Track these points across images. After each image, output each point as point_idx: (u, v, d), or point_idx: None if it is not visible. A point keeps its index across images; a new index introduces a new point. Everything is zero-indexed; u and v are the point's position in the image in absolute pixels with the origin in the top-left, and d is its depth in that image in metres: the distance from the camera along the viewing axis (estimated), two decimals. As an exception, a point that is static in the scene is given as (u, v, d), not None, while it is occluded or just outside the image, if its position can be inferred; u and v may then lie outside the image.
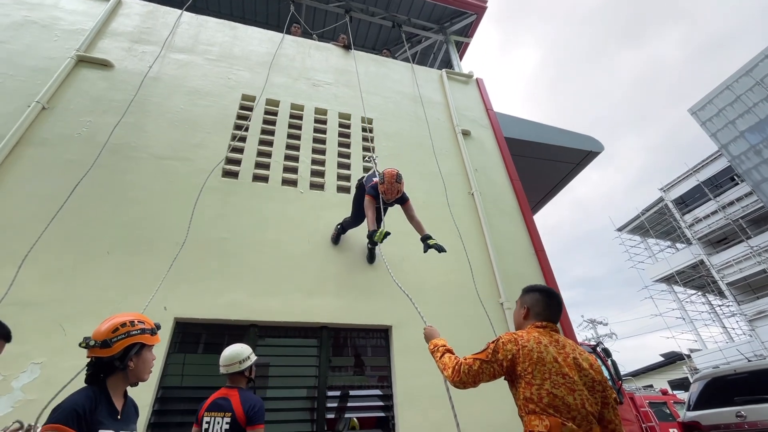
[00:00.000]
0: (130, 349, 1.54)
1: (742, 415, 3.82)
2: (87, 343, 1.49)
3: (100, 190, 3.63)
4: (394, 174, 3.30)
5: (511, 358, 1.57)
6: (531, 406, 1.47)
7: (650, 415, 9.53)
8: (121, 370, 1.52)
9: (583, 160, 7.06)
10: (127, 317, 1.60)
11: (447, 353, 1.80)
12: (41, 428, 1.32)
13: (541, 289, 1.87)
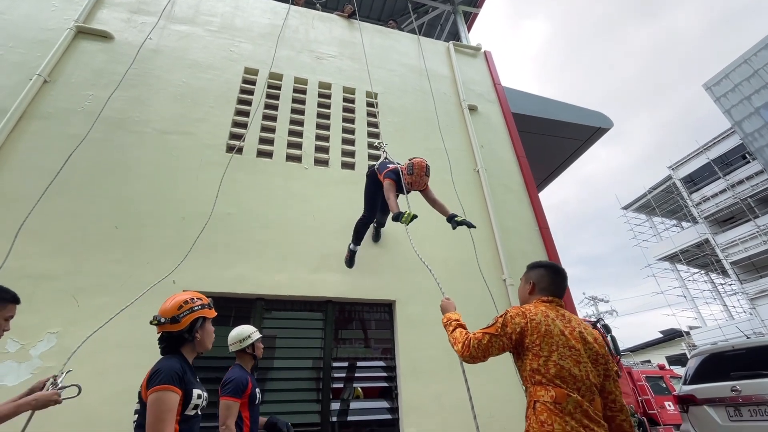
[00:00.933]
0: (195, 322, 1.74)
1: (737, 389, 3.90)
2: (158, 320, 1.70)
3: (105, 165, 3.64)
4: (424, 166, 3.15)
5: (520, 331, 1.59)
6: (537, 377, 1.50)
7: (646, 388, 9.79)
8: (190, 341, 1.72)
9: (591, 137, 6.94)
10: (186, 295, 1.79)
11: (459, 328, 1.81)
12: (150, 390, 1.49)
13: (547, 265, 1.90)
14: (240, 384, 2.29)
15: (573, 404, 1.43)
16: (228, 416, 2.19)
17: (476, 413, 3.02)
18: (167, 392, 1.48)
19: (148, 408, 1.46)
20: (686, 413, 4.40)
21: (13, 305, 1.66)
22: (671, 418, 9.24)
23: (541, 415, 1.43)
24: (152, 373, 1.54)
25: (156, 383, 1.49)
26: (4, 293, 1.64)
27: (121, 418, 2.62)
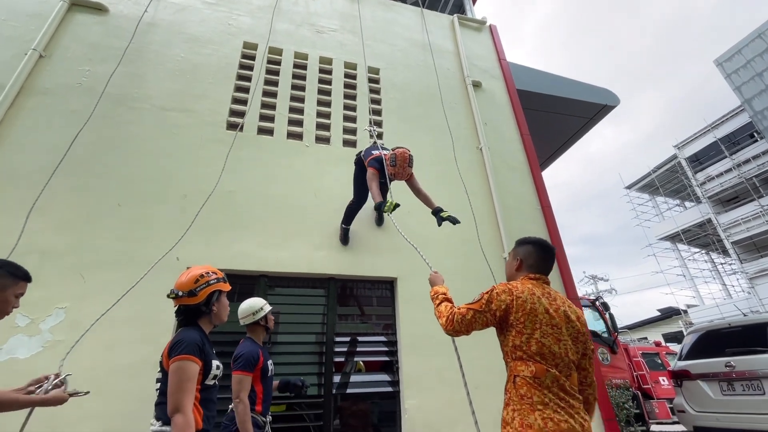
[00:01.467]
0: (211, 296, 1.78)
1: (731, 365, 3.99)
2: (176, 294, 1.72)
3: (106, 142, 3.62)
4: (407, 157, 3.11)
5: (505, 308, 1.61)
6: (519, 353, 1.56)
7: (642, 364, 10.02)
8: (207, 314, 1.77)
9: (597, 115, 6.82)
10: (201, 269, 1.82)
11: (445, 302, 1.85)
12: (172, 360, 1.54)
13: (535, 242, 1.88)
14: (251, 358, 2.32)
15: (551, 379, 1.50)
16: (241, 390, 2.23)
17: (474, 385, 3.11)
18: (188, 362, 1.54)
19: (170, 376, 1.51)
20: (680, 387, 4.52)
21: (24, 283, 1.65)
22: (665, 392, 9.50)
23: (521, 389, 1.50)
24: (174, 343, 1.59)
25: (177, 353, 1.54)
26: (16, 270, 1.63)
27: (130, 389, 2.71)
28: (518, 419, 1.46)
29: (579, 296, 4.33)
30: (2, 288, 1.57)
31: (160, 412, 1.55)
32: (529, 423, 1.42)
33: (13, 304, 1.60)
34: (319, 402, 3.17)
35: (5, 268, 1.61)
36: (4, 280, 1.58)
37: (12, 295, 1.59)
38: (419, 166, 4.54)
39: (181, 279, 1.77)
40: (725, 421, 3.92)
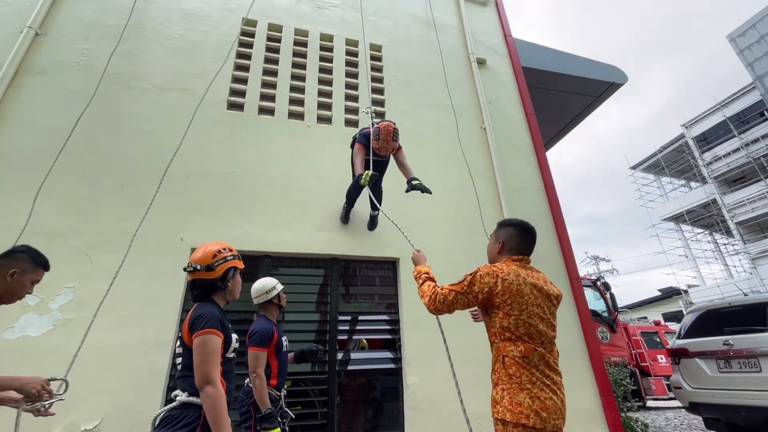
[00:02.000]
0: (228, 272, 1.80)
1: (729, 343, 4.04)
2: (194, 267, 1.73)
3: (106, 123, 3.59)
4: (391, 130, 3.01)
5: (488, 290, 1.64)
6: (507, 335, 1.62)
7: (641, 342, 10.17)
8: (222, 290, 1.79)
9: (603, 93, 6.68)
10: (217, 245, 1.83)
11: (428, 281, 1.88)
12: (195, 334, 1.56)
13: (516, 224, 1.90)
14: (265, 334, 2.42)
15: (538, 357, 1.58)
16: (257, 365, 2.34)
17: (474, 363, 3.17)
18: (212, 335, 1.57)
19: (195, 350, 1.54)
20: (677, 365, 4.60)
21: (42, 270, 1.69)
22: (662, 369, 9.69)
23: (510, 368, 1.57)
24: (195, 318, 1.61)
25: (200, 327, 1.56)
26: (37, 257, 1.67)
27: (140, 365, 2.79)
28: (507, 398, 1.53)
29: (580, 276, 4.35)
30: (22, 272, 1.61)
31: (185, 384, 1.58)
32: (519, 401, 1.50)
33: (27, 289, 1.64)
34: (323, 378, 3.25)
35: (28, 254, 1.66)
36: (26, 265, 1.62)
37: (29, 280, 1.63)
38: (422, 145, 4.51)
39: (198, 254, 1.77)
40: (721, 397, 4.01)
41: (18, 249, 1.66)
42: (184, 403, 1.54)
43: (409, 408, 3.26)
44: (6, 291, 1.59)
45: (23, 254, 1.65)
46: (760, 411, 3.69)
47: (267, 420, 2.20)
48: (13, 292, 1.60)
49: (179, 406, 1.54)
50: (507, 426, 1.51)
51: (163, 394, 2.79)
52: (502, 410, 1.53)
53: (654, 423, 6.91)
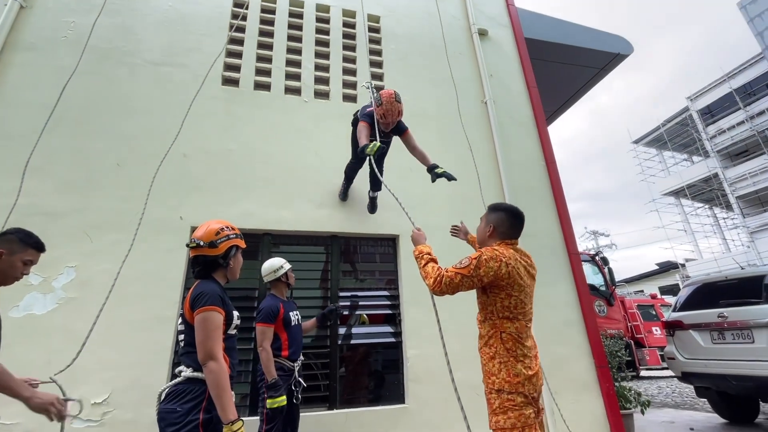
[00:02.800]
0: (230, 250, 1.82)
1: (724, 315, 4.11)
2: (197, 243, 1.74)
3: (98, 100, 3.52)
4: (392, 92, 2.97)
5: (493, 274, 1.71)
6: (506, 313, 1.74)
7: (636, 315, 10.38)
8: (223, 267, 1.81)
9: (608, 64, 6.50)
10: (220, 223, 1.84)
11: (430, 262, 1.90)
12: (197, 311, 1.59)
13: (507, 209, 1.95)
14: (270, 311, 2.59)
15: (526, 332, 1.76)
16: (263, 339, 2.51)
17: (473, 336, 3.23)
18: (213, 312, 1.60)
19: (197, 327, 1.58)
20: (672, 337, 4.70)
21: (33, 251, 1.68)
22: (656, 341, 9.93)
23: (507, 343, 1.70)
24: (196, 296, 1.63)
25: (202, 305, 1.59)
26: (27, 237, 1.67)
27: (143, 342, 2.85)
28: (505, 370, 1.66)
29: (579, 251, 4.38)
30: (10, 252, 1.61)
31: (189, 360, 1.62)
32: (516, 372, 1.65)
33: (21, 269, 1.64)
34: (325, 352, 3.33)
35: (16, 234, 1.67)
36: (14, 246, 1.62)
37: (20, 260, 1.63)
38: (422, 120, 4.43)
39: (200, 231, 1.78)
40: (713, 367, 4.12)
41: (8, 231, 1.68)
42: (189, 378, 1.58)
43: (409, 380, 3.35)
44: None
45: (11, 235, 1.65)
46: (750, 380, 3.80)
47: (272, 389, 2.30)
48: (5, 273, 1.62)
49: (184, 381, 1.58)
50: (502, 394, 1.64)
51: (168, 369, 2.86)
52: (499, 381, 1.66)
53: (647, 392, 7.14)
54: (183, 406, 1.51)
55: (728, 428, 4.35)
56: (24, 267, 1.65)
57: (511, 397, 1.62)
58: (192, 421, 1.49)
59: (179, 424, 1.47)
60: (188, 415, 1.50)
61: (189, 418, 1.49)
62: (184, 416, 1.49)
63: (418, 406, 3.28)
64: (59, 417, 1.49)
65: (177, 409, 1.51)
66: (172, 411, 1.51)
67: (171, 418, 1.49)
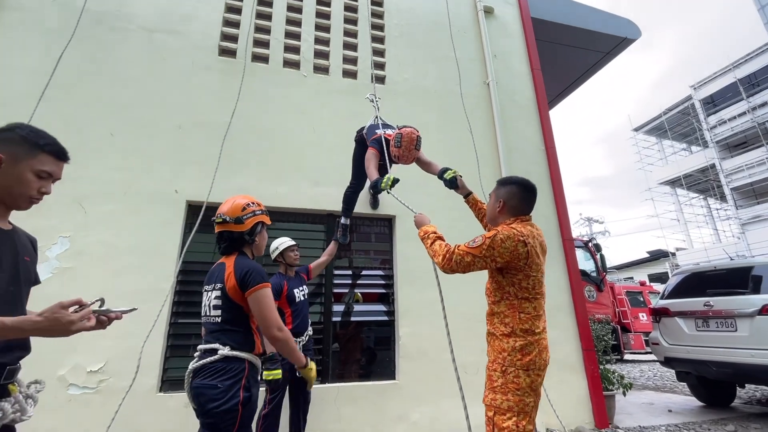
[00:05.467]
0: (256, 226, 1.82)
1: (709, 304, 4.21)
2: (223, 219, 1.74)
3: (90, 67, 3.41)
4: (414, 138, 2.57)
5: (509, 255, 1.63)
6: (525, 294, 1.68)
7: (625, 301, 10.60)
8: (249, 243, 1.81)
9: (614, 49, 6.38)
10: (246, 199, 1.82)
11: (438, 240, 1.83)
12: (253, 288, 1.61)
13: (517, 182, 1.84)
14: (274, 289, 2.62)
15: (542, 309, 1.73)
16: None
17: (467, 318, 3.29)
18: (268, 288, 1.65)
19: (257, 303, 1.61)
20: (658, 323, 4.81)
21: (50, 158, 1.16)
22: (642, 327, 10.19)
23: (526, 323, 1.66)
24: (245, 273, 1.64)
25: (257, 282, 1.62)
26: (34, 135, 1.15)
27: (140, 313, 2.85)
28: (519, 349, 1.63)
29: (573, 237, 4.41)
30: (14, 159, 1.09)
31: (226, 338, 1.62)
32: (529, 351, 1.63)
33: (36, 185, 1.13)
34: (319, 328, 3.38)
35: (19, 131, 1.13)
36: (16, 148, 1.10)
37: (29, 171, 1.11)
38: (422, 99, 4.36)
39: (226, 206, 1.77)
40: (695, 353, 4.25)
41: (6, 126, 1.14)
42: (226, 357, 1.58)
43: (400, 357, 3.43)
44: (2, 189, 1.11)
45: (10, 133, 1.11)
46: (729, 366, 3.93)
47: (269, 361, 2.35)
48: (9, 191, 1.11)
49: (222, 359, 1.57)
50: (507, 374, 1.61)
51: (164, 340, 2.90)
52: (510, 359, 1.62)
53: (629, 374, 7.38)
54: (224, 383, 1.53)
55: (705, 411, 4.53)
56: (40, 182, 1.14)
57: (517, 380, 1.59)
58: (233, 398, 1.51)
59: (220, 401, 1.50)
60: (229, 392, 1.52)
61: (230, 395, 1.51)
62: (225, 393, 1.51)
63: (408, 382, 3.37)
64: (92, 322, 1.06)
65: (218, 385, 1.52)
66: (213, 387, 1.52)
67: (211, 394, 1.51)
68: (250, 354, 1.64)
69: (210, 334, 1.67)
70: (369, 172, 2.67)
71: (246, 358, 1.61)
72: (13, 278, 1.10)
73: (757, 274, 4.13)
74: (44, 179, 1.15)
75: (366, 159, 2.76)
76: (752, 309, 3.85)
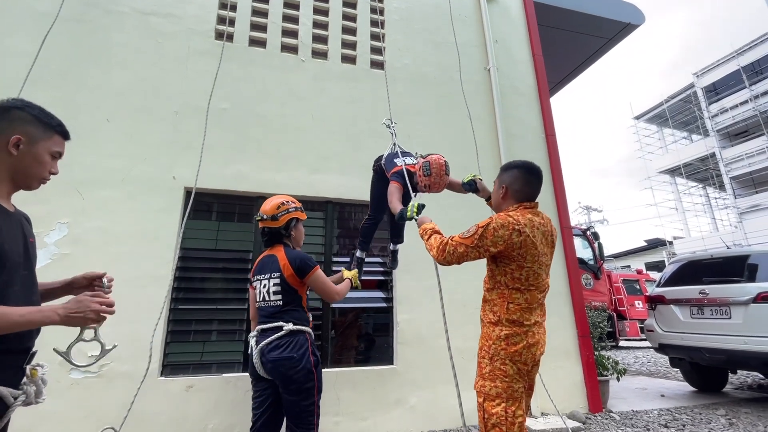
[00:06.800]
0: (290, 222, 2.14)
1: (705, 292, 4.25)
2: (261, 217, 2.09)
3: (84, 51, 3.35)
4: (443, 163, 2.43)
5: (503, 243, 1.58)
6: (517, 284, 1.64)
7: (621, 289, 10.70)
8: (287, 237, 2.15)
9: (617, 35, 6.28)
10: (282, 198, 2.16)
11: (434, 234, 1.84)
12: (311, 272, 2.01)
13: (520, 165, 1.80)
14: None
15: (537, 302, 1.67)
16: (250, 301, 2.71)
17: (462, 304, 3.31)
18: (319, 269, 2.05)
19: (317, 282, 2.05)
20: (653, 311, 4.87)
21: (60, 138, 1.19)
22: (638, 314, 10.32)
23: (515, 314, 1.63)
24: (300, 261, 2.02)
25: (311, 267, 2.02)
26: (45, 116, 1.15)
27: (139, 299, 2.88)
28: (504, 339, 1.61)
29: (571, 226, 4.43)
30: (31, 140, 1.09)
31: (289, 317, 1.97)
32: (515, 342, 1.60)
33: (48, 167, 1.15)
34: (317, 314, 3.41)
35: (29, 110, 1.11)
36: (31, 128, 1.10)
37: (46, 152, 1.13)
38: (421, 85, 4.32)
39: (266, 205, 2.11)
40: (688, 340, 4.31)
41: (11, 104, 1.10)
42: (291, 331, 1.94)
43: (398, 342, 3.47)
44: (16, 171, 1.09)
45: (20, 111, 1.09)
46: (722, 353, 4.00)
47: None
48: (26, 172, 1.11)
49: (287, 333, 1.93)
50: (495, 362, 1.61)
51: (164, 325, 2.93)
52: (495, 348, 1.62)
53: (624, 360, 7.50)
54: (297, 353, 1.89)
55: (697, 396, 4.62)
56: (53, 163, 1.17)
57: (504, 368, 1.58)
58: (307, 363, 1.89)
59: (298, 367, 1.87)
60: (302, 359, 1.89)
61: (305, 361, 1.89)
62: (300, 360, 1.88)
63: (406, 367, 3.42)
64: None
65: (294, 356, 1.88)
66: (290, 358, 1.87)
67: (290, 363, 1.87)
68: (308, 327, 2.02)
69: (271, 316, 1.99)
70: (393, 206, 2.51)
71: (306, 331, 2.00)
72: (26, 262, 1.11)
73: (753, 263, 4.16)
74: (56, 160, 1.18)
75: (389, 193, 2.58)
76: (747, 297, 3.90)
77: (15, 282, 1.03)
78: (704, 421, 3.58)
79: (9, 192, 1.13)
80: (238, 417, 2.86)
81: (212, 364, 3.08)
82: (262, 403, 1.99)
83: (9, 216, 1.09)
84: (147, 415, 2.71)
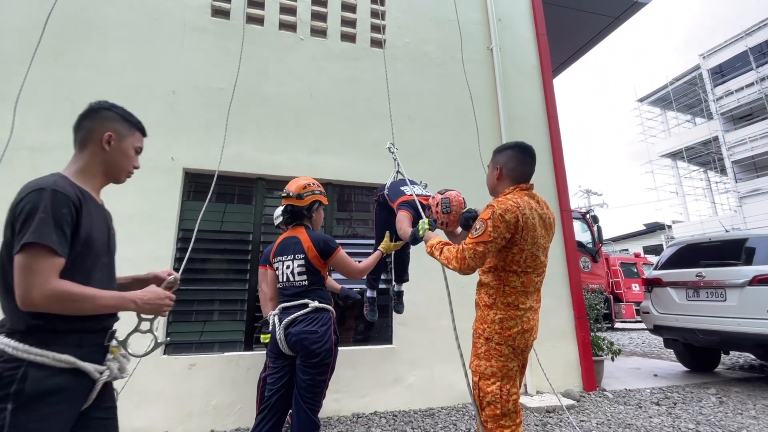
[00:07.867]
0: (313, 203, 2.17)
1: (701, 275, 4.29)
2: (287, 193, 2.12)
3: (79, 28, 3.27)
4: (462, 200, 2.27)
5: (513, 227, 1.56)
6: (514, 267, 1.63)
7: (618, 272, 10.80)
8: (308, 218, 2.18)
9: (624, 14, 6.12)
10: (308, 180, 2.19)
11: (445, 247, 1.74)
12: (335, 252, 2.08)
13: (513, 146, 1.78)
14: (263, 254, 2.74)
15: (533, 285, 1.67)
16: (261, 281, 2.73)
17: (461, 286, 3.33)
18: (341, 249, 2.11)
19: (340, 262, 2.11)
20: (649, 293, 4.92)
21: (140, 135, 1.32)
22: (634, 296, 10.45)
23: (510, 297, 1.64)
24: (324, 242, 2.07)
25: (335, 248, 2.08)
26: (128, 114, 1.27)
27: (143, 279, 2.90)
28: (499, 322, 1.62)
29: (571, 209, 4.43)
30: (120, 136, 1.21)
31: (314, 296, 2.03)
32: (509, 326, 1.61)
33: (133, 162, 1.27)
34: (318, 295, 3.45)
35: (115, 110, 1.24)
36: (119, 126, 1.22)
37: (131, 147, 1.25)
38: (422, 65, 4.24)
39: (292, 185, 2.15)
40: (683, 322, 4.37)
41: (100, 105, 1.24)
42: (317, 308, 2.00)
43: (397, 323, 3.52)
44: (108, 165, 1.21)
45: (109, 111, 1.22)
46: (716, 334, 4.06)
47: (265, 325, 2.41)
48: (117, 166, 1.22)
49: (313, 310, 1.99)
50: (490, 343, 1.62)
51: (166, 305, 2.95)
52: (490, 330, 1.63)
53: (618, 341, 7.63)
54: (321, 329, 1.95)
55: (689, 376, 4.72)
56: (136, 159, 1.28)
57: (499, 348, 1.60)
58: (329, 340, 1.96)
59: (321, 341, 1.92)
60: (325, 335, 1.95)
61: (326, 337, 1.95)
62: (323, 336, 1.94)
63: (404, 346, 3.48)
64: None
65: (318, 330, 1.94)
66: (314, 332, 1.93)
67: (314, 338, 1.92)
68: (331, 307, 2.08)
69: (295, 295, 2.04)
70: (402, 233, 2.34)
71: (330, 310, 2.06)
72: (109, 250, 1.23)
73: (750, 246, 4.18)
74: (137, 154, 1.30)
75: (398, 221, 2.40)
76: (743, 280, 3.93)
77: (98, 268, 1.14)
78: (695, 400, 3.67)
79: (100, 186, 1.24)
80: (240, 394, 2.94)
81: (214, 343, 3.13)
82: (279, 380, 2.00)
83: (99, 207, 1.21)
84: (151, 394, 2.77)
